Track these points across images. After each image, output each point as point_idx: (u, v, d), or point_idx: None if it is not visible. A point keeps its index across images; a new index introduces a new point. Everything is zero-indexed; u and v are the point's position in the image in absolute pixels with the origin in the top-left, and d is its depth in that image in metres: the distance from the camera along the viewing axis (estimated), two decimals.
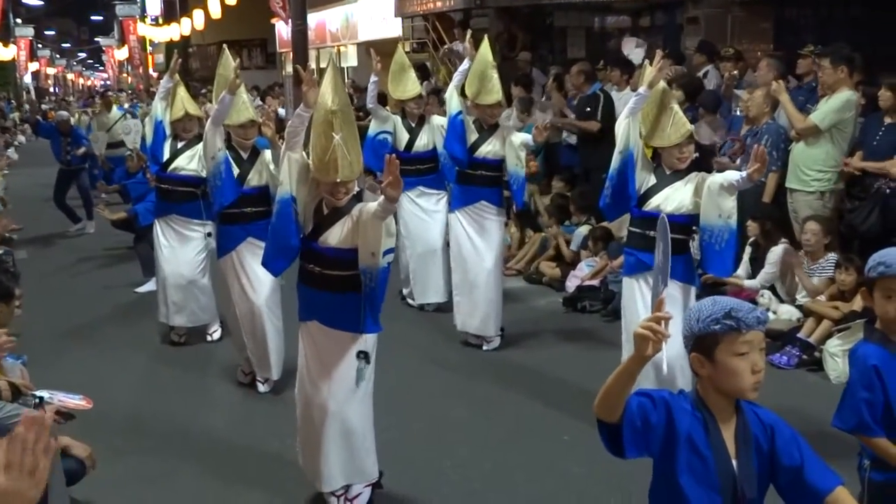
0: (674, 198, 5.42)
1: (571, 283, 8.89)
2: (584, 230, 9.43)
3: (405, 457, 5.35)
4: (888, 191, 6.92)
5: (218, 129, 6.29)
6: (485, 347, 7.44)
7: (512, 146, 7.20)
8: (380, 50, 8.74)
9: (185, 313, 7.68)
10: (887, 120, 7.11)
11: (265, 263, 4.99)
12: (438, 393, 6.58)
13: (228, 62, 6.47)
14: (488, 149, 7.30)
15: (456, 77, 7.57)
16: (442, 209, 8.40)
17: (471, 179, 7.39)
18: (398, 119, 8.43)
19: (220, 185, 6.34)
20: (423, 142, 8.31)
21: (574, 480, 5.12)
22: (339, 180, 4.41)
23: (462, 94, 7.50)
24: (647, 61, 5.82)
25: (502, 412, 6.16)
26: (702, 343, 2.58)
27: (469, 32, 8.11)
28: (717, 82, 9.38)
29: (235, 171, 6.45)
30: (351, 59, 23.27)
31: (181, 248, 7.54)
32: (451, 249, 7.69)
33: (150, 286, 9.22)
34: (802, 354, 6.88)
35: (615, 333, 7.87)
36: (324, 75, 4.51)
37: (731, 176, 5.19)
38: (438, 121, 8.11)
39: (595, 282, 8.69)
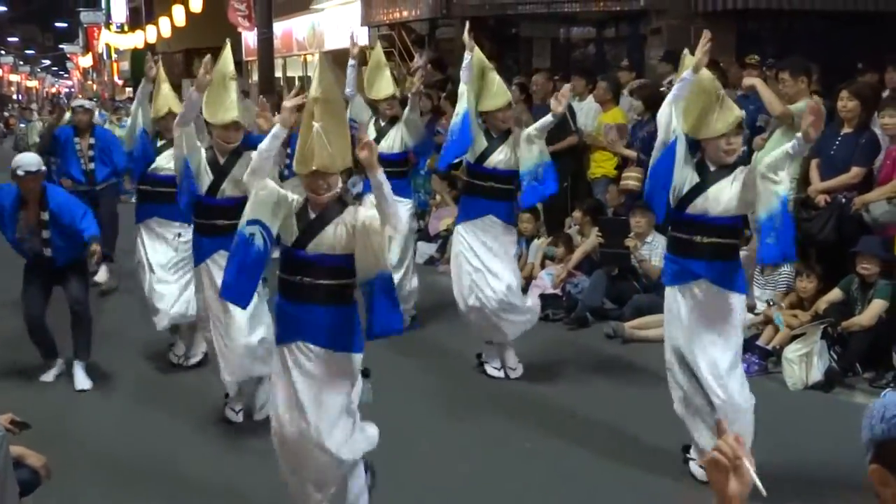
0: (720, 199, 4.79)
1: (534, 294, 8.89)
2: (539, 243, 9.40)
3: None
4: (844, 200, 7.02)
5: (185, 130, 5.69)
6: (512, 376, 7.00)
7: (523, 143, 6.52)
8: (345, 59, 8.58)
9: (178, 304, 7.14)
10: (844, 130, 7.22)
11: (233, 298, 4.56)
12: (403, 403, 6.54)
13: (227, 60, 5.86)
14: (499, 158, 6.62)
15: (464, 73, 6.70)
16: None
17: (479, 191, 6.74)
18: (371, 117, 8.17)
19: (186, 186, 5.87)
20: (388, 143, 7.91)
21: (534, 486, 5.13)
22: (314, 168, 4.09)
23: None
24: (686, 50, 5.21)
25: (463, 420, 6.14)
26: (885, 451, 1.87)
27: (467, 26, 6.89)
28: None
29: (209, 179, 5.91)
30: None
31: (161, 247, 7.23)
32: (453, 266, 7.00)
33: (102, 275, 9.61)
34: (762, 361, 6.95)
35: (578, 342, 7.95)
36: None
37: (784, 146, 4.60)
38: (409, 117, 7.87)
39: (557, 290, 8.72)
